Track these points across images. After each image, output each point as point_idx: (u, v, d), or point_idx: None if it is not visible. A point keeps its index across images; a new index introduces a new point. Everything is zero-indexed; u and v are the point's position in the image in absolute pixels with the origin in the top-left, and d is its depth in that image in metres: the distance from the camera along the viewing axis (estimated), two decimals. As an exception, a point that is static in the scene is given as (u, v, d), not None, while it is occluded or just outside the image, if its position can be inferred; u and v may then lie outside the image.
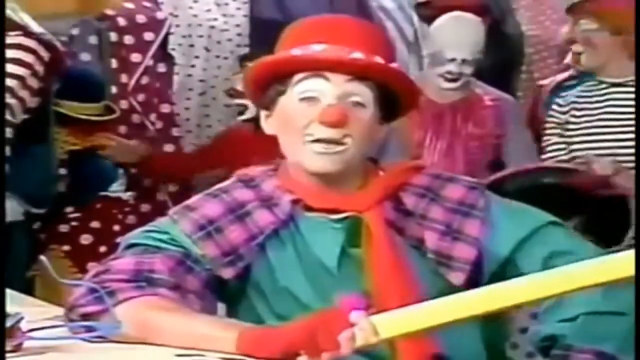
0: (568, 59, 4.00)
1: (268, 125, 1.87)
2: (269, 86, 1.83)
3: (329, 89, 1.77)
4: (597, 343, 1.69)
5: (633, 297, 1.69)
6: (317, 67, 1.78)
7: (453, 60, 3.44)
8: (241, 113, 3.83)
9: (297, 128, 1.78)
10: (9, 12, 3.19)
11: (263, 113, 1.88)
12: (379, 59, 1.79)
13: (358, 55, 1.77)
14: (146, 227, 1.86)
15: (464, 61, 3.45)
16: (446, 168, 3.41)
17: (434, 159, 3.48)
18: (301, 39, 1.82)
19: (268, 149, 3.61)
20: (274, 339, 1.57)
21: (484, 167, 3.57)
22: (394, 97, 1.83)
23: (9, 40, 3.11)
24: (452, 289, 1.76)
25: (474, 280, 1.78)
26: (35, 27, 3.25)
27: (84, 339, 1.66)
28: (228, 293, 1.84)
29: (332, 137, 1.76)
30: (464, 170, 3.44)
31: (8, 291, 1.74)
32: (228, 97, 3.90)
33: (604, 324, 1.70)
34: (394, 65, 1.83)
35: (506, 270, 1.79)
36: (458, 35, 3.46)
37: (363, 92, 1.79)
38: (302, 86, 1.79)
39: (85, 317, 1.71)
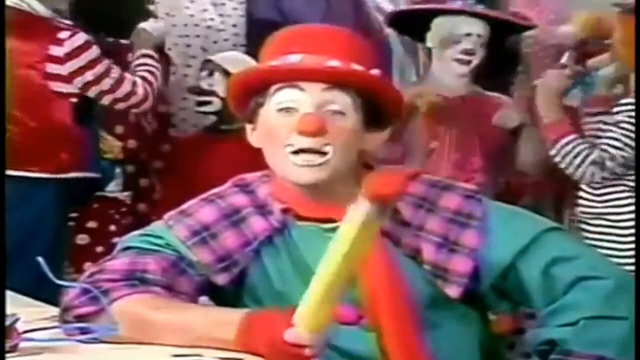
0: (564, 59, 4.01)
1: (253, 139, 1.86)
2: (250, 99, 1.83)
3: (305, 99, 1.76)
4: (598, 348, 1.68)
5: (633, 301, 1.69)
6: (291, 77, 1.77)
7: (469, 35, 3.40)
8: (202, 105, 3.84)
9: (278, 139, 1.77)
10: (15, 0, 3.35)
11: (248, 127, 1.87)
12: (356, 66, 1.78)
13: (334, 63, 1.76)
14: (142, 231, 1.86)
15: (479, 36, 3.41)
16: (464, 158, 3.42)
17: (451, 150, 3.46)
18: (279, 50, 1.81)
19: (224, 157, 3.67)
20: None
21: (500, 158, 3.58)
22: (377, 104, 1.81)
23: (73, 42, 3.44)
24: (447, 299, 1.76)
25: (471, 292, 1.78)
26: (43, 11, 3.40)
27: (80, 341, 1.66)
28: (222, 298, 1.84)
29: (312, 147, 1.74)
30: (481, 160, 3.45)
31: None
32: (192, 95, 3.89)
33: (605, 329, 1.69)
34: (373, 71, 1.80)
35: (507, 279, 1.77)
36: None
37: (342, 100, 1.77)
38: (279, 97, 1.78)
39: (80, 318, 1.71)
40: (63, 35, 3.47)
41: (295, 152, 1.75)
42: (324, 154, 1.75)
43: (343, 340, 1.69)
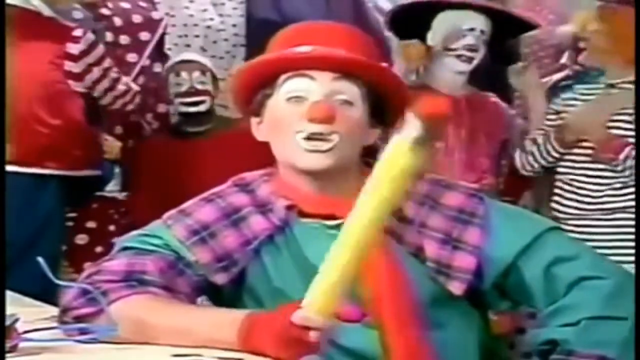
0: (564, 58, 4.01)
1: (259, 132, 1.87)
2: (257, 92, 1.83)
3: (315, 88, 1.78)
4: (599, 348, 1.68)
5: (634, 301, 1.69)
6: (301, 66, 1.78)
7: (472, 30, 3.38)
8: (194, 105, 3.84)
9: (287, 128, 1.78)
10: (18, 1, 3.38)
11: (254, 120, 1.88)
12: (363, 57, 1.79)
13: (342, 52, 1.77)
14: (140, 231, 1.86)
15: (482, 32, 3.39)
16: (473, 159, 3.42)
17: (458, 149, 3.45)
18: (286, 45, 1.82)
19: (182, 158, 3.69)
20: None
21: (501, 158, 3.58)
22: (384, 97, 1.83)
23: (87, 40, 3.52)
24: (450, 297, 1.76)
25: (474, 289, 1.78)
26: (47, 11, 3.44)
27: (79, 341, 1.66)
28: (221, 298, 1.83)
29: (321, 132, 1.75)
30: (488, 160, 3.46)
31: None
32: (188, 97, 3.88)
33: (607, 329, 1.69)
34: (380, 63, 1.82)
35: (508, 278, 1.77)
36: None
37: (350, 90, 1.79)
38: (288, 86, 1.79)
39: (79, 319, 1.71)
40: (78, 32, 3.53)
41: (306, 138, 1.76)
42: (330, 140, 1.76)
43: (346, 338, 1.69)
